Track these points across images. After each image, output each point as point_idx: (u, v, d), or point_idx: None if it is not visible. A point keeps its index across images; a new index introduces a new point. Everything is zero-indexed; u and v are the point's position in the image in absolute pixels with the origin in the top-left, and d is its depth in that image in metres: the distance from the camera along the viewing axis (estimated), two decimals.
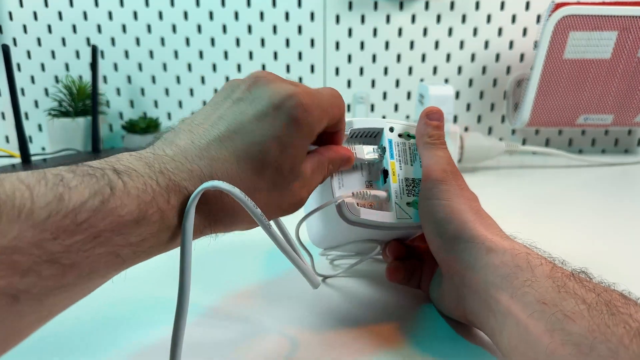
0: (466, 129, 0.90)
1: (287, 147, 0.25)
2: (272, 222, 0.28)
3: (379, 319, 0.33)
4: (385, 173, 0.35)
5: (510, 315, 0.24)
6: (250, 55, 0.87)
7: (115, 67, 0.88)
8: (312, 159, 0.28)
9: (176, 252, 0.23)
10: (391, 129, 0.35)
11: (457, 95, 0.88)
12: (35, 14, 0.85)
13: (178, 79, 0.89)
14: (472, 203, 0.30)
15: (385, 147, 0.35)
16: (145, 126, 0.84)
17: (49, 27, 0.86)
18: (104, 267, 0.20)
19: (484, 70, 0.87)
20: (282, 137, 0.25)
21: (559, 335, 0.21)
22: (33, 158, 0.73)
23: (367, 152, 0.34)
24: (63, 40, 0.87)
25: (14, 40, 0.86)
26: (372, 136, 0.36)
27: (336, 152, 0.30)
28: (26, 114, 0.90)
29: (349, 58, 0.87)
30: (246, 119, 0.25)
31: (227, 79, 0.89)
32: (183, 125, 0.26)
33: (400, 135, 0.35)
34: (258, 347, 0.29)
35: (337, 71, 0.88)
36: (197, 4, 0.85)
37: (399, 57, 0.87)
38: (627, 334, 0.19)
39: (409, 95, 0.89)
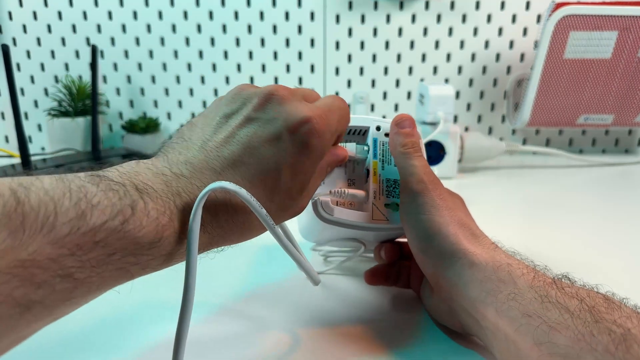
0: (466, 129, 0.90)
1: (299, 173, 0.25)
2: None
3: (370, 319, 0.33)
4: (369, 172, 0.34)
5: (499, 330, 0.24)
6: (250, 55, 0.87)
7: (115, 67, 0.88)
8: None
9: None
10: (378, 128, 0.35)
11: (457, 95, 0.88)
12: (35, 13, 0.85)
13: (178, 79, 0.89)
14: (452, 213, 0.29)
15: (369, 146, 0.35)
16: (145, 126, 0.84)
17: (49, 27, 0.86)
18: (113, 282, 0.20)
19: (484, 70, 0.87)
20: (295, 164, 0.25)
21: (546, 348, 0.21)
22: (33, 158, 0.73)
23: (354, 150, 0.34)
24: (63, 40, 0.87)
25: (14, 40, 0.86)
26: (360, 134, 0.35)
27: (334, 155, 0.29)
28: (26, 114, 0.90)
29: (349, 58, 0.87)
30: (259, 142, 0.24)
31: (227, 79, 0.89)
32: (193, 135, 0.25)
33: (387, 135, 0.35)
34: (255, 346, 0.29)
35: (337, 71, 0.88)
36: (197, 3, 0.85)
37: (399, 57, 0.87)
38: (612, 341, 0.19)
39: (409, 95, 0.89)
